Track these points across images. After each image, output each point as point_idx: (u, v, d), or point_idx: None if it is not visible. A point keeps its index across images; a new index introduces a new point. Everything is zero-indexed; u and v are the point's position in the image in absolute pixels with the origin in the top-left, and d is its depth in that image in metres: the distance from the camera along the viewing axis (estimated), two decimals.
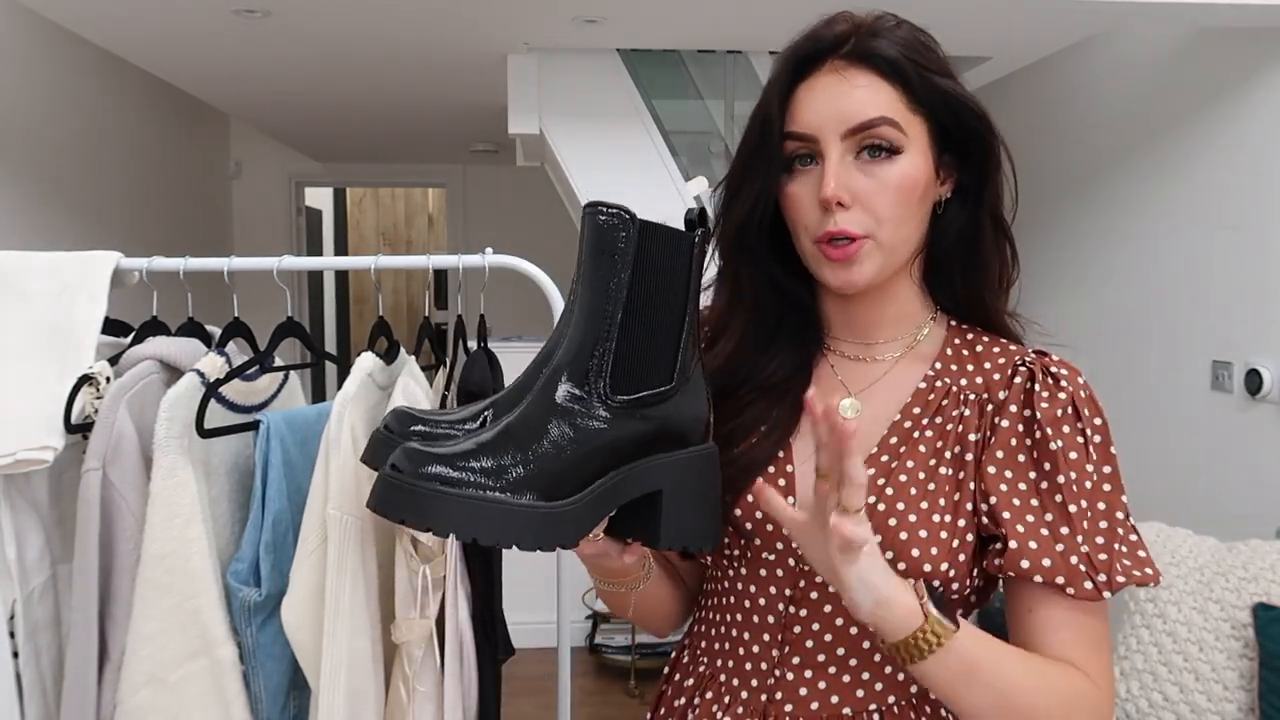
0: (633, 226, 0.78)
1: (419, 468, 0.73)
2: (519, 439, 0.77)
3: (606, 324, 0.79)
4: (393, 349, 1.53)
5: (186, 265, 1.46)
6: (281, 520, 1.35)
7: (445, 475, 0.73)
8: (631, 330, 0.80)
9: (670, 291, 0.81)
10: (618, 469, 0.80)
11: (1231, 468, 2.85)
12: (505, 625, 1.51)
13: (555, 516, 0.75)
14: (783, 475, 0.92)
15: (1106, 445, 0.90)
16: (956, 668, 0.80)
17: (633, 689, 3.36)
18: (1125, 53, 3.31)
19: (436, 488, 0.72)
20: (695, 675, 0.99)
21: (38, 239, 3.42)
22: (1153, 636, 2.09)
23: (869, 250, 0.88)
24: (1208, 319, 2.94)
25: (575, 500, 0.76)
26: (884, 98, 0.88)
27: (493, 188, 6.31)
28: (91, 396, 1.30)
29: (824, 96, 0.88)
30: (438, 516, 0.72)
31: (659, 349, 0.81)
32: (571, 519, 0.76)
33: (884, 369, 0.95)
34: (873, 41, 0.89)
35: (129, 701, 1.27)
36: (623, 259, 0.78)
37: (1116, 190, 3.36)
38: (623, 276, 0.79)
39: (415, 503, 0.72)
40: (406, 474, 0.73)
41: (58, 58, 3.60)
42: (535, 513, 0.74)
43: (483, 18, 2.90)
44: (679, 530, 0.84)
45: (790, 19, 0.96)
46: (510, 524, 0.73)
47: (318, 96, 4.13)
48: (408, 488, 0.73)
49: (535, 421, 0.78)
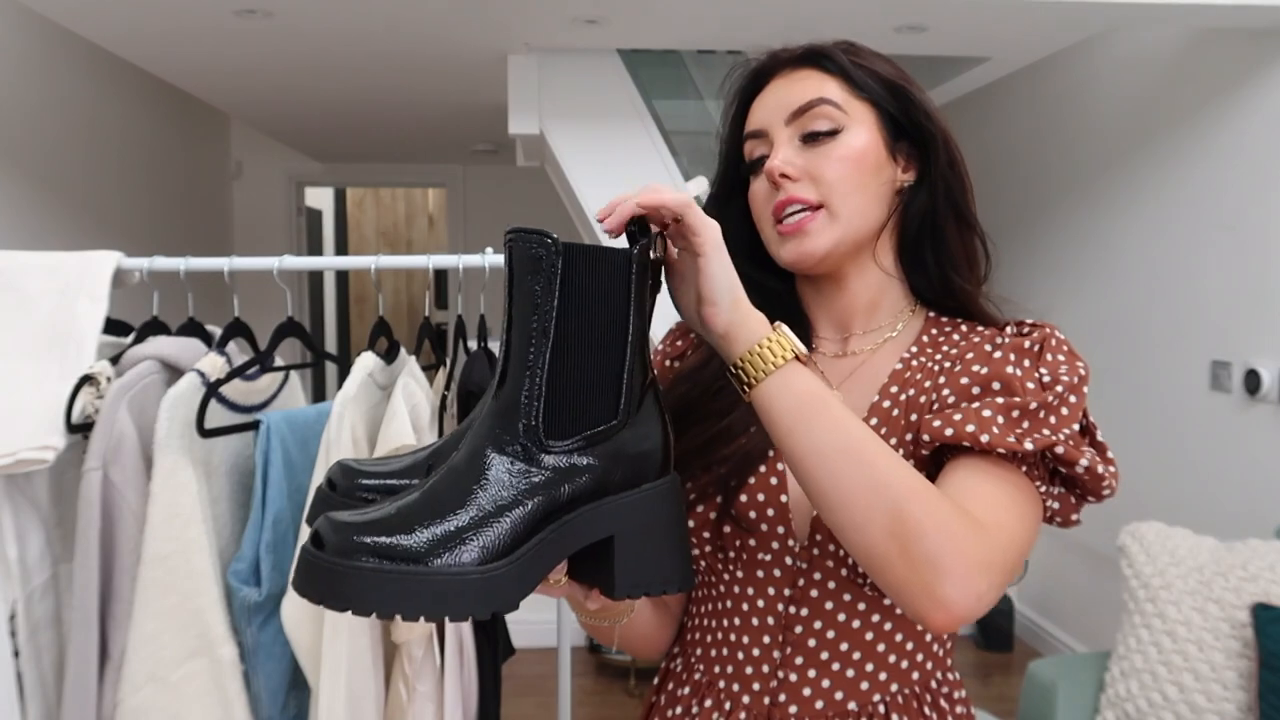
0: (554, 252, 0.71)
1: (344, 540, 0.67)
2: (445, 498, 0.70)
3: (534, 363, 0.73)
4: (393, 349, 1.54)
5: (187, 265, 1.46)
6: (282, 520, 1.35)
7: (369, 544, 0.66)
8: (564, 366, 0.73)
9: (607, 317, 0.74)
10: (558, 519, 0.73)
11: (1231, 468, 2.85)
12: (505, 625, 1.51)
13: (490, 581, 0.68)
14: (774, 474, 0.93)
15: (1075, 385, 0.86)
16: (801, 392, 0.77)
17: (632, 689, 3.36)
18: (1125, 53, 3.32)
19: (358, 563, 0.66)
20: (691, 684, 0.99)
21: (38, 239, 3.42)
22: (1152, 636, 2.09)
23: (821, 221, 0.91)
24: (1207, 319, 2.94)
25: (510, 560, 0.70)
26: (825, 85, 0.93)
27: (493, 188, 6.31)
28: (92, 396, 1.30)
29: (772, 96, 0.95)
30: (357, 599, 0.65)
31: (599, 382, 0.75)
32: (509, 580, 0.69)
33: (860, 360, 0.96)
34: (819, 47, 0.95)
35: (130, 700, 1.27)
36: (546, 290, 0.72)
37: (1116, 190, 3.36)
38: (548, 309, 0.72)
39: (334, 584, 0.66)
40: (330, 549, 0.66)
41: (58, 58, 3.60)
42: (466, 580, 0.67)
43: (483, 18, 2.91)
44: (636, 578, 0.77)
45: (790, 19, 0.97)
46: (438, 595, 0.66)
47: (318, 96, 4.13)
48: (327, 567, 0.66)
49: (463, 478, 0.71)
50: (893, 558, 0.72)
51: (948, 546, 0.71)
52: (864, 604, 0.90)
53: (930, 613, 0.71)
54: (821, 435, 0.75)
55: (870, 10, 2.74)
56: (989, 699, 3.36)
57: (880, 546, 0.73)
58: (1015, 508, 0.80)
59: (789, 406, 0.77)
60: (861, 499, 0.74)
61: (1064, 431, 0.82)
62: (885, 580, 0.73)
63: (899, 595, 0.73)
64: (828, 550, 0.89)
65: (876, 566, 0.73)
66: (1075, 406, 0.84)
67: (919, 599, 0.71)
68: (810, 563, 0.90)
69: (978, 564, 0.72)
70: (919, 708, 0.92)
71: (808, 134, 0.91)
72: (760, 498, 0.92)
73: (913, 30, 2.92)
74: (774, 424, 0.78)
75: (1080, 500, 0.88)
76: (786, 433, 0.77)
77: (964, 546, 0.72)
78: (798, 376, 0.77)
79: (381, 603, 0.66)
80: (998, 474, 0.81)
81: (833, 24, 2.86)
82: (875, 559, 0.73)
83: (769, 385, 0.77)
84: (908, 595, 0.72)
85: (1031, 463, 0.82)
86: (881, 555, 0.73)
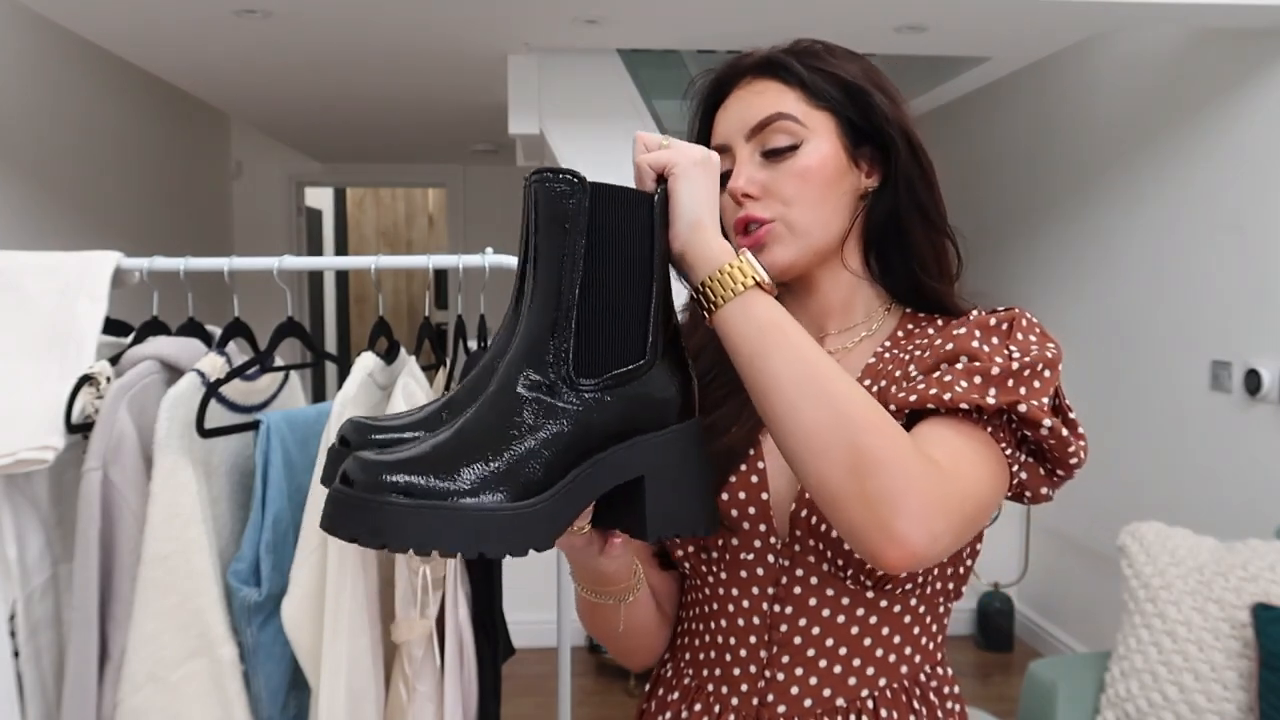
0: (583, 191, 0.72)
1: (373, 478, 0.66)
2: (477, 436, 0.70)
3: (564, 302, 0.73)
4: (393, 349, 1.54)
5: (187, 265, 1.46)
6: (281, 520, 1.35)
7: (401, 484, 0.66)
8: (593, 305, 0.73)
9: (633, 258, 0.75)
10: (591, 458, 0.73)
11: (1231, 468, 2.85)
12: (505, 625, 1.51)
13: (523, 518, 0.68)
14: (755, 472, 0.93)
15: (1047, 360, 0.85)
16: (763, 319, 0.77)
17: (632, 689, 3.36)
18: (1125, 53, 3.32)
19: (390, 499, 0.65)
20: (680, 689, 0.99)
21: (38, 239, 3.42)
22: (1152, 636, 2.09)
23: (779, 233, 0.92)
24: (1207, 319, 2.94)
25: (545, 498, 0.69)
26: (784, 99, 0.93)
27: (493, 188, 6.31)
28: (92, 396, 1.30)
29: (734, 110, 0.95)
30: (393, 532, 0.65)
31: (626, 323, 0.75)
32: (542, 518, 0.69)
33: (838, 358, 0.97)
34: (779, 55, 0.95)
35: (130, 700, 1.27)
36: (575, 228, 0.72)
37: (1116, 191, 3.36)
38: (577, 247, 0.72)
39: (367, 518, 0.65)
40: (359, 486, 0.66)
41: (58, 58, 3.60)
42: (500, 515, 0.67)
43: (483, 18, 2.91)
44: (666, 517, 0.78)
45: (790, 18, 0.97)
46: (474, 531, 0.66)
47: (318, 96, 4.13)
48: (359, 503, 0.65)
49: (494, 416, 0.71)
50: (849, 493, 0.72)
51: (904, 484, 0.71)
52: (848, 599, 0.91)
53: (885, 549, 0.71)
54: (782, 364, 0.75)
55: (870, 10, 2.73)
56: (989, 699, 3.36)
57: (836, 479, 0.72)
58: (978, 460, 0.81)
59: (749, 333, 0.77)
60: (821, 430, 0.73)
61: (1033, 401, 0.82)
62: (840, 517, 0.73)
63: (854, 532, 0.73)
64: (809, 546, 0.89)
65: (832, 501, 0.73)
66: (1047, 381, 0.84)
67: (874, 535, 0.71)
68: (792, 560, 0.91)
69: (935, 503, 0.72)
70: (908, 701, 0.92)
71: (767, 150, 0.92)
72: (741, 496, 0.92)
73: (913, 30, 2.92)
74: (735, 351, 0.78)
75: (1050, 474, 0.87)
76: (747, 361, 0.77)
77: (921, 485, 0.72)
78: (759, 303, 0.77)
79: (418, 536, 0.65)
80: (961, 429, 0.82)
81: (833, 24, 2.86)
82: (831, 492, 0.73)
83: (730, 310, 0.77)
84: (863, 532, 0.72)
85: (997, 424, 0.83)
86: (837, 488, 0.72)
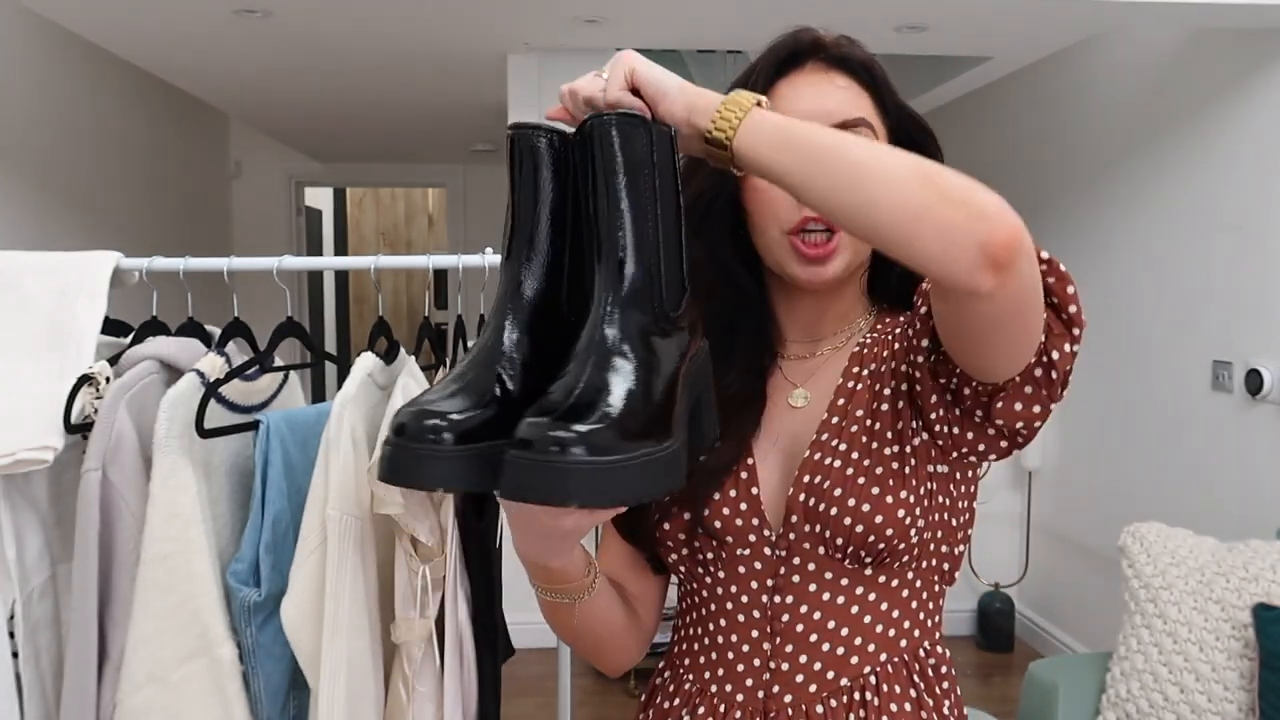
0: (651, 131, 0.75)
1: (550, 440, 0.66)
2: (610, 386, 0.70)
3: (648, 241, 0.75)
4: (393, 349, 1.53)
5: (186, 265, 1.46)
6: (281, 520, 1.35)
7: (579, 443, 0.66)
8: (663, 242, 0.76)
9: (673, 190, 0.77)
10: (685, 388, 0.75)
11: (1231, 468, 2.85)
12: (505, 625, 1.51)
13: (673, 456, 0.70)
14: (744, 469, 0.94)
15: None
16: (778, 121, 0.77)
17: (633, 689, 3.36)
18: (1125, 53, 3.31)
19: (574, 457, 0.65)
20: (682, 694, 0.99)
21: (38, 239, 3.42)
22: (1153, 637, 2.09)
23: (843, 245, 0.93)
24: (1208, 319, 2.94)
25: (677, 435, 0.72)
26: (863, 101, 0.94)
27: (493, 188, 6.31)
28: (91, 396, 1.30)
29: (810, 93, 0.94)
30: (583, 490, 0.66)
31: (677, 254, 0.78)
32: (682, 454, 0.72)
33: (825, 359, 0.99)
34: (846, 49, 0.96)
35: (129, 701, 1.27)
36: (649, 168, 0.74)
37: (1116, 190, 3.36)
38: (653, 186, 0.74)
39: (557, 479, 0.65)
40: (538, 449, 0.66)
41: (58, 58, 3.60)
42: (661, 459, 0.69)
43: (483, 18, 2.91)
44: (706, 430, 0.80)
45: (789, 19, 0.97)
46: (647, 478, 0.68)
47: (318, 96, 4.13)
48: (545, 465, 0.65)
49: (617, 364, 0.72)
50: (932, 200, 0.72)
51: (978, 188, 0.73)
52: (847, 579, 0.92)
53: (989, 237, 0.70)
54: (816, 142, 0.76)
55: (870, 10, 2.73)
56: (989, 699, 3.36)
57: (916, 199, 0.72)
58: None
59: (771, 134, 0.76)
60: (884, 178, 0.74)
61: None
62: (926, 239, 0.72)
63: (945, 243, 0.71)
64: (804, 532, 0.91)
65: (915, 227, 0.72)
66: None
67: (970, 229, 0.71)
68: (789, 548, 0.92)
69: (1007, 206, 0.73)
70: (908, 675, 0.93)
71: None
72: (733, 494, 0.93)
73: (913, 30, 2.92)
74: (768, 159, 0.77)
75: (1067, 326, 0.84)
76: (781, 162, 0.76)
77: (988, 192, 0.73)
78: (768, 114, 0.78)
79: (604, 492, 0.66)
80: None
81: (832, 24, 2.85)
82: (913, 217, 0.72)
83: (745, 127, 0.77)
84: (956, 235, 0.71)
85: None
86: (922, 203, 0.72)
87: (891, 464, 0.90)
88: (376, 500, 1.31)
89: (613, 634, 1.00)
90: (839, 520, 0.88)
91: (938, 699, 0.95)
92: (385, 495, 1.30)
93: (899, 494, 0.89)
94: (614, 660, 1.03)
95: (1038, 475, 3.86)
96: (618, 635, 1.00)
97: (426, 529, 1.33)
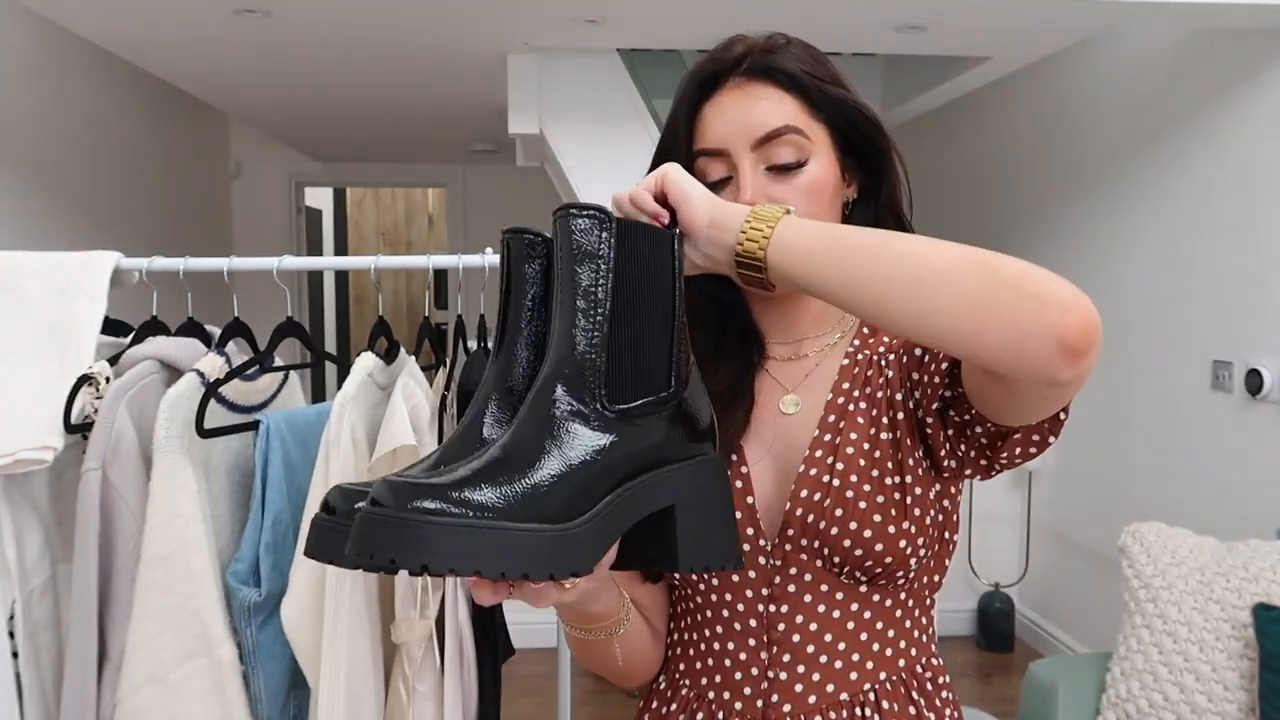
0: (610, 226, 0.75)
1: (407, 501, 0.64)
2: (515, 461, 0.70)
3: (596, 331, 0.75)
4: (393, 349, 1.53)
5: (186, 265, 1.46)
6: (281, 520, 1.35)
7: (437, 508, 0.64)
8: (621, 336, 0.76)
9: (656, 291, 0.77)
10: (625, 485, 0.73)
11: (1231, 468, 2.85)
12: (505, 625, 1.51)
13: (565, 539, 0.68)
14: (739, 477, 0.94)
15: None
16: (812, 227, 0.76)
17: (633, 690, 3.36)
18: (1125, 53, 3.31)
19: (430, 519, 0.63)
20: (679, 700, 0.99)
21: (38, 239, 3.42)
22: (1153, 637, 2.09)
23: None
24: (1208, 319, 2.94)
25: (586, 519, 0.70)
26: (787, 108, 0.91)
27: (493, 188, 6.31)
28: (91, 396, 1.30)
29: (730, 112, 0.92)
30: (436, 550, 0.63)
31: (652, 353, 0.77)
32: (582, 540, 0.69)
33: (814, 362, 0.98)
34: (770, 57, 0.93)
35: (129, 701, 1.27)
36: (605, 261, 0.75)
37: (1116, 190, 3.36)
38: (606, 280, 0.75)
39: (406, 538, 0.63)
40: (393, 508, 0.64)
41: (58, 58, 3.60)
42: (543, 536, 0.67)
43: (483, 18, 2.90)
44: (699, 548, 0.78)
45: (789, 18, 0.97)
46: (517, 551, 0.66)
47: (318, 96, 4.12)
48: (396, 522, 0.63)
49: (532, 441, 0.71)
50: (996, 293, 0.68)
51: (1040, 272, 0.69)
52: (842, 593, 0.91)
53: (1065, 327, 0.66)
54: (857, 245, 0.74)
55: (870, 10, 2.73)
56: (989, 699, 3.36)
57: (978, 295, 0.68)
58: None
59: (810, 241, 0.75)
60: (937, 277, 0.70)
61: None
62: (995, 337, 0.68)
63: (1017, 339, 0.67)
64: (799, 544, 0.90)
65: (982, 326, 0.68)
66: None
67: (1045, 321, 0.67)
68: (784, 559, 0.91)
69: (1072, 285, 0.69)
70: (906, 693, 0.93)
71: (774, 165, 0.90)
72: None
73: (913, 30, 2.92)
74: (807, 271, 0.74)
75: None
76: (822, 272, 0.74)
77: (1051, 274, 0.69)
78: (802, 222, 0.77)
79: (459, 557, 0.64)
80: None
81: (832, 24, 2.85)
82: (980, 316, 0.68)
83: (780, 237, 0.75)
84: (1029, 329, 0.67)
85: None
86: (984, 298, 0.68)
87: (894, 494, 0.89)
88: None
89: (644, 655, 1.00)
90: (839, 541, 0.88)
91: (938, 711, 0.95)
92: None
93: (901, 524, 0.88)
94: (643, 677, 1.03)
95: (1038, 475, 3.86)
96: (648, 655, 1.01)
97: None
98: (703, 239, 0.79)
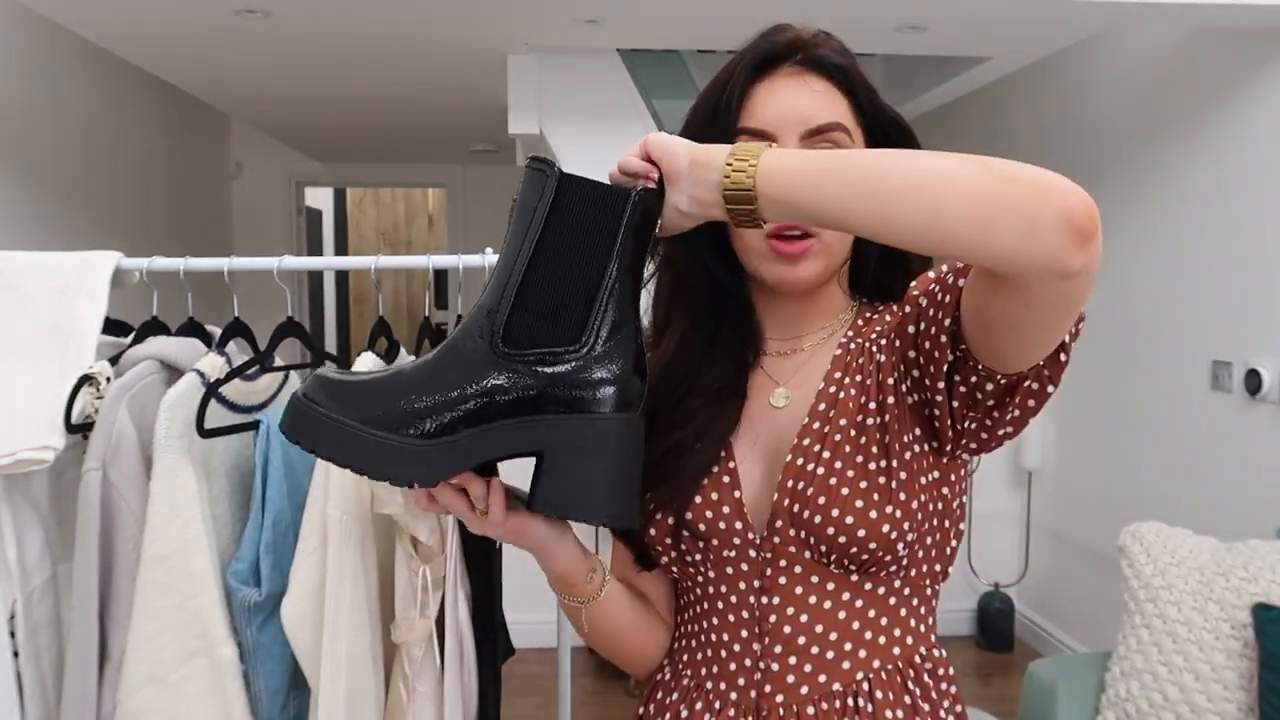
0: (551, 178, 0.78)
1: (312, 393, 0.79)
2: (406, 378, 0.79)
3: (512, 274, 0.79)
4: (393, 349, 1.54)
5: (186, 265, 1.46)
6: (281, 520, 1.35)
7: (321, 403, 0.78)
8: (536, 284, 0.79)
9: (588, 248, 0.79)
10: (491, 422, 0.79)
11: (1231, 468, 2.85)
12: (505, 625, 1.51)
13: (403, 451, 0.77)
14: (726, 473, 0.94)
15: None
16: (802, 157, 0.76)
17: (633, 689, 3.36)
18: (1125, 53, 3.31)
19: (315, 408, 0.78)
20: (680, 689, 1.00)
21: (38, 239, 3.42)
22: (1153, 637, 2.09)
23: (816, 250, 0.92)
24: (1208, 319, 2.94)
25: (436, 441, 0.77)
26: (838, 105, 0.93)
27: (493, 188, 6.31)
28: (92, 396, 1.30)
29: (785, 97, 0.92)
30: (315, 438, 0.78)
31: (567, 307, 0.79)
32: (421, 458, 0.78)
33: (807, 356, 0.99)
34: (823, 51, 0.94)
35: (129, 701, 1.27)
36: (536, 213, 0.78)
37: (1116, 190, 3.36)
38: (535, 227, 0.79)
39: (305, 423, 0.79)
40: (301, 398, 0.79)
41: (58, 58, 3.60)
42: (384, 444, 0.77)
43: (483, 18, 2.90)
44: (559, 496, 0.81)
45: (789, 18, 0.97)
46: (360, 451, 0.77)
47: (318, 96, 4.13)
48: (301, 408, 0.79)
49: (428, 365, 0.80)
50: (999, 186, 0.69)
51: (1035, 167, 0.70)
52: (832, 584, 0.92)
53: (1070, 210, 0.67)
54: (851, 163, 0.74)
55: (870, 10, 2.73)
56: (989, 699, 3.36)
57: (983, 190, 0.69)
58: None
59: (800, 163, 0.75)
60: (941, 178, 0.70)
61: None
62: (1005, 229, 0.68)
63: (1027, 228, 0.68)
64: (788, 535, 0.91)
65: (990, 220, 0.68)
66: None
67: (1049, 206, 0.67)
68: (774, 551, 0.92)
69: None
70: (902, 683, 0.94)
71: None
72: (714, 497, 0.93)
73: (913, 30, 2.92)
74: (801, 192, 0.74)
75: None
76: (818, 191, 0.74)
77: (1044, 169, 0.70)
78: (787, 150, 0.77)
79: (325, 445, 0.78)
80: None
81: (832, 24, 2.84)
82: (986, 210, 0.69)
83: (766, 165, 0.75)
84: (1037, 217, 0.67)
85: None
86: (989, 193, 0.68)
87: (878, 478, 0.89)
88: (377, 500, 1.31)
89: (632, 639, 1.01)
90: (822, 529, 0.88)
91: (934, 703, 0.95)
92: (386, 495, 1.30)
93: (884, 509, 0.88)
94: (641, 663, 1.04)
95: (1038, 475, 3.86)
96: (639, 638, 1.02)
97: (427, 529, 1.33)
98: (687, 180, 0.79)
